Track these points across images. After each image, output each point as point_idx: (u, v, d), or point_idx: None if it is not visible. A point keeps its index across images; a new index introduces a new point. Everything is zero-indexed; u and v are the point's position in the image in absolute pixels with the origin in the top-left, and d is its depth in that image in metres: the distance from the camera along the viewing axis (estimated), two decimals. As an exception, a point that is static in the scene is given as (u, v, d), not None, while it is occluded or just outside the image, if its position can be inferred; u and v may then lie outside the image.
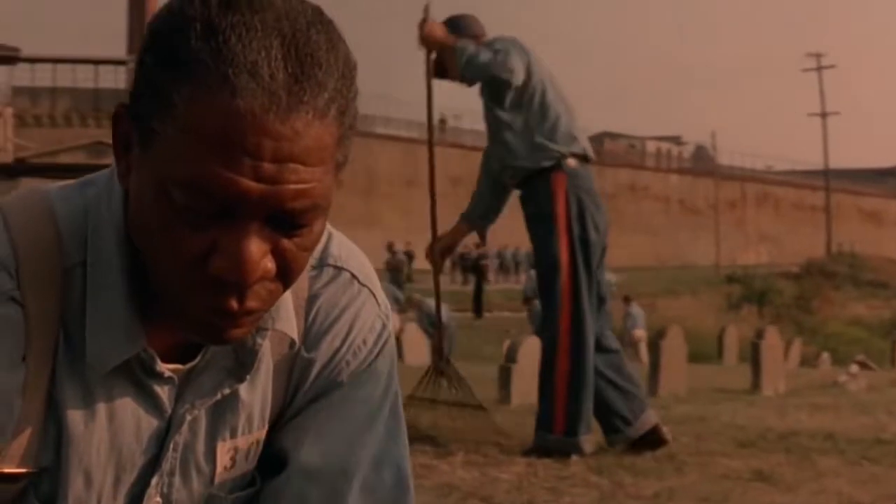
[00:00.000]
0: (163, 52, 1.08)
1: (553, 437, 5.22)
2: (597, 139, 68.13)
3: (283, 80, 1.05)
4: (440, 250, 5.74)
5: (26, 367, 1.19)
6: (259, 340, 1.27)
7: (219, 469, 1.32)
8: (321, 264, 1.35)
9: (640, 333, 21.52)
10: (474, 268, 34.61)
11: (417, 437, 5.46)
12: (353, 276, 1.36)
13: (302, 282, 1.32)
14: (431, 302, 15.40)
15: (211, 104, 1.04)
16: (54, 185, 1.28)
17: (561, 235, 5.19)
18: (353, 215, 57.78)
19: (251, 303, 1.12)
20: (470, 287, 34.34)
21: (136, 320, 1.20)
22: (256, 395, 1.32)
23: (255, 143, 1.04)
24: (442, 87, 5.62)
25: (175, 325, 1.18)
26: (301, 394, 1.35)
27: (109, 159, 1.20)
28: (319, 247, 1.34)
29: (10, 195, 1.26)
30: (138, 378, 1.23)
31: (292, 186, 1.06)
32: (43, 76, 48.31)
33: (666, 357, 11.26)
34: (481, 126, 5.64)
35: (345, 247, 1.38)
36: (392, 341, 1.41)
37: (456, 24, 5.49)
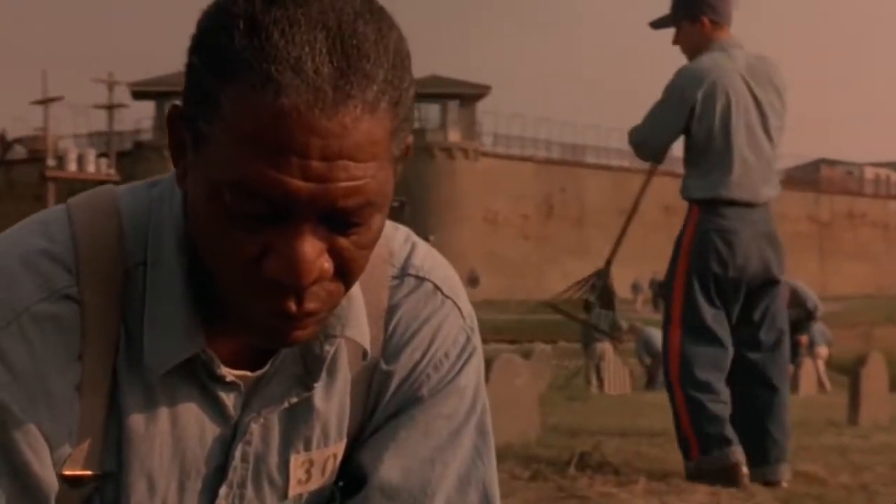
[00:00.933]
0: (208, 52, 1.05)
1: (692, 463, 5.09)
2: (813, 166, 66.49)
3: (329, 75, 1.02)
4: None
5: (83, 366, 1.17)
6: (327, 348, 1.23)
7: (292, 482, 1.28)
8: (403, 274, 1.31)
9: (823, 351, 21.07)
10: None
11: (602, 463, 5.60)
12: (437, 286, 1.32)
13: (381, 292, 1.29)
14: (651, 330, 15.31)
15: (256, 104, 1.01)
16: (125, 185, 1.27)
17: (680, 264, 5.18)
18: (564, 245, 57.79)
19: (310, 304, 1.09)
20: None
21: (195, 321, 1.17)
22: (332, 407, 1.28)
23: (302, 141, 1.01)
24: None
25: (238, 328, 1.15)
26: (381, 408, 1.31)
27: None
28: (402, 256, 1.32)
29: (80, 194, 1.26)
30: (203, 382, 1.21)
31: (343, 184, 1.03)
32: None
33: (866, 385, 11.05)
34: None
35: (429, 257, 1.34)
36: (479, 356, 1.35)
37: (709, 5, 5.14)
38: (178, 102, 1.12)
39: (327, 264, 1.08)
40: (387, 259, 1.30)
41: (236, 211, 1.05)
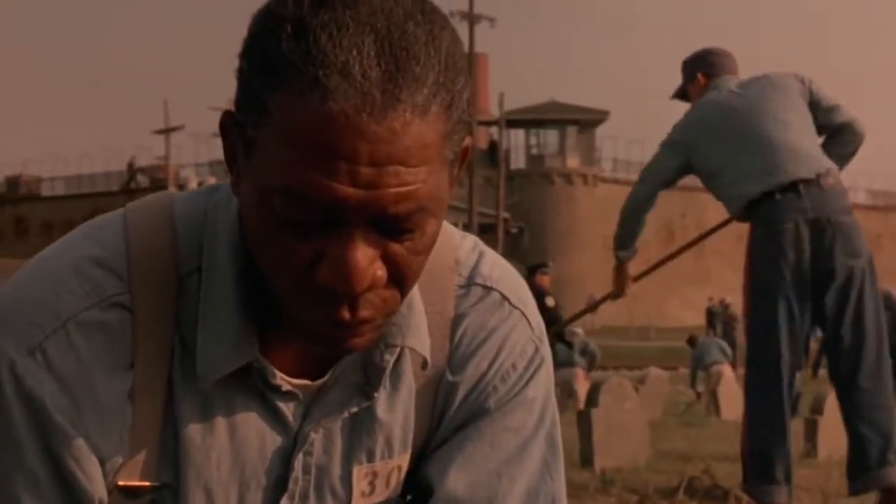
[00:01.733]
0: (256, 56, 1.04)
1: (745, 488, 5.03)
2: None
3: (377, 78, 0.99)
4: None
5: (135, 374, 1.15)
6: (388, 357, 1.21)
7: (355, 494, 1.26)
8: (469, 283, 1.29)
9: None
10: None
11: (712, 487, 5.57)
12: (504, 296, 1.29)
13: (448, 301, 1.27)
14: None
15: (303, 109, 1.00)
16: (184, 192, 1.26)
17: (744, 276, 5.13)
18: (684, 271, 57.18)
19: (364, 312, 1.07)
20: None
21: (249, 329, 1.16)
22: (396, 418, 1.26)
23: (351, 146, 0.99)
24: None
25: (296, 336, 1.14)
26: (447, 420, 1.29)
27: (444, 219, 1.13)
28: (468, 265, 1.30)
29: (139, 199, 1.25)
30: (261, 392, 1.19)
31: (393, 190, 1.01)
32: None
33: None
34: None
35: (497, 266, 1.31)
36: (548, 367, 1.32)
37: (704, 62, 5.50)
38: (230, 108, 1.10)
39: (380, 271, 1.06)
40: (453, 267, 1.29)
41: (286, 217, 1.03)
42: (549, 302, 13.57)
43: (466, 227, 42.28)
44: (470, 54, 43.91)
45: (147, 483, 1.18)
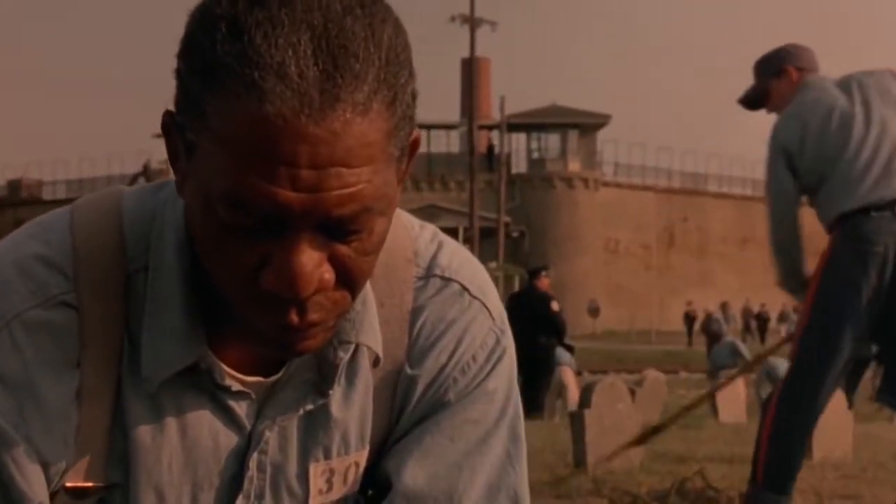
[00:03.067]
0: (192, 57, 1.01)
1: (752, 491, 4.92)
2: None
3: (314, 78, 0.97)
4: None
5: (81, 374, 1.13)
6: (341, 354, 1.19)
7: (313, 492, 1.24)
8: (428, 275, 1.26)
9: None
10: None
11: (705, 489, 5.55)
12: (464, 287, 1.27)
13: (406, 294, 1.25)
14: (776, 360, 15.07)
15: (240, 112, 0.97)
16: (133, 187, 1.24)
17: (813, 288, 4.88)
18: (686, 275, 57.23)
19: (313, 315, 1.05)
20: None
21: (196, 328, 1.14)
22: (352, 414, 1.24)
23: (290, 150, 0.96)
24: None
25: (247, 336, 1.12)
26: (406, 414, 1.26)
27: (445, 223, 1.27)
28: (427, 256, 1.27)
29: (87, 195, 1.23)
30: (212, 392, 1.17)
31: (336, 193, 0.99)
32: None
33: None
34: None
35: (457, 257, 1.29)
36: (509, 358, 1.29)
37: (793, 55, 5.13)
38: (171, 109, 1.08)
39: (328, 275, 1.03)
40: (411, 259, 1.26)
41: (229, 223, 1.01)
42: (555, 306, 13.56)
43: (467, 231, 42.41)
44: (471, 58, 44.01)
45: (93, 484, 1.16)
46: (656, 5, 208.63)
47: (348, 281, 1.06)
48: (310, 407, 1.21)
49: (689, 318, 43.33)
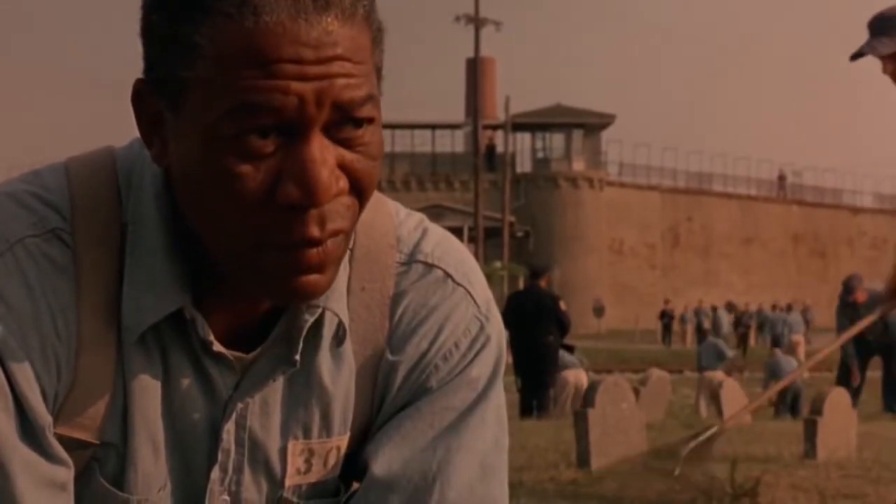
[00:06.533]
0: (173, 4, 1.04)
1: None
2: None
3: None
4: None
5: (80, 321, 1.13)
6: (307, 317, 1.18)
7: (290, 470, 1.24)
8: (410, 260, 1.26)
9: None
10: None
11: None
12: (447, 273, 1.26)
13: (388, 279, 1.25)
14: (781, 358, 15.05)
15: (238, 30, 1.01)
16: (125, 145, 1.24)
17: None
18: (690, 275, 57.14)
19: (333, 223, 1.06)
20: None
21: (178, 278, 1.14)
22: (336, 396, 1.23)
23: (294, 51, 1.01)
24: (783, 141, 5.32)
25: (237, 296, 1.14)
26: (389, 401, 1.26)
27: (449, 222, 1.26)
28: (410, 242, 1.27)
29: (81, 154, 1.24)
30: (196, 355, 1.17)
31: (343, 80, 1.03)
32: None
33: None
34: (823, 182, 5.37)
35: (442, 244, 1.28)
36: (494, 345, 1.28)
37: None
38: (140, 77, 1.10)
39: (342, 181, 1.06)
40: (393, 244, 1.26)
41: (239, 140, 1.02)
42: (563, 306, 13.56)
43: (472, 231, 42.33)
44: (476, 58, 43.98)
45: (88, 439, 1.15)
46: (661, 5, 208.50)
47: (358, 188, 1.08)
48: (280, 376, 1.20)
49: (667, 317, 43.20)
